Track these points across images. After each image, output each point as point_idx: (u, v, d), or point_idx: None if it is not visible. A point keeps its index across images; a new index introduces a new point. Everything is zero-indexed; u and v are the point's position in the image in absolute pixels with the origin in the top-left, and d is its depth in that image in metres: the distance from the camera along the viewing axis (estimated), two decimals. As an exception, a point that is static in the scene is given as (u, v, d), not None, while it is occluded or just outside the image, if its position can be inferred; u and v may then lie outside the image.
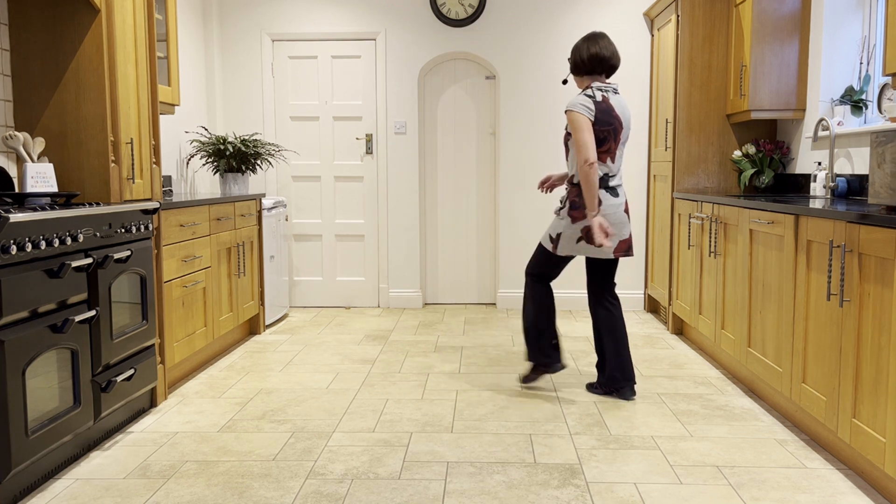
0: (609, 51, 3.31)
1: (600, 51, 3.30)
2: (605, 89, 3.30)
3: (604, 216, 3.26)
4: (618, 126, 3.28)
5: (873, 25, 3.89)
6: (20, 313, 2.30)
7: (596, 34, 3.35)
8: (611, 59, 3.32)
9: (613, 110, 3.27)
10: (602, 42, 3.32)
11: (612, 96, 3.30)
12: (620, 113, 3.29)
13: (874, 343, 2.35)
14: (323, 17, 5.52)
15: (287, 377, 3.78)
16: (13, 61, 3.10)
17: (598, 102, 3.25)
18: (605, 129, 3.25)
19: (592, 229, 3.20)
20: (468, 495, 2.41)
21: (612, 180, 3.30)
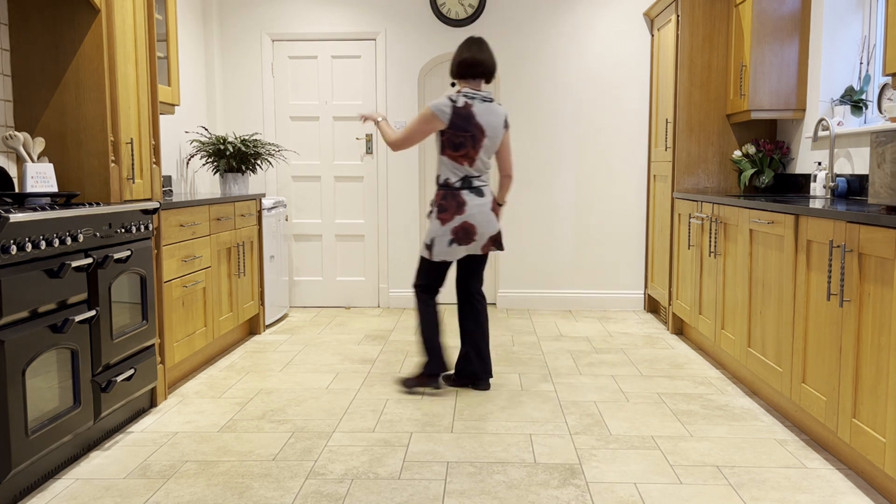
0: (478, 57, 3.38)
1: (470, 56, 3.38)
2: (473, 96, 3.37)
3: (470, 216, 3.37)
4: (477, 134, 3.35)
5: (873, 25, 3.89)
6: (20, 313, 2.30)
7: (472, 39, 3.43)
8: (479, 65, 3.38)
9: (474, 118, 3.33)
10: (474, 48, 3.40)
11: (478, 104, 3.36)
12: (483, 121, 3.36)
13: (874, 343, 2.35)
14: (323, 17, 5.52)
15: (287, 377, 3.78)
16: (13, 61, 3.10)
17: (458, 107, 3.33)
18: (462, 134, 3.34)
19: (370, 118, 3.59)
20: (468, 495, 2.41)
21: (475, 181, 3.41)
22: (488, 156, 3.44)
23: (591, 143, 5.49)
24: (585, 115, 5.48)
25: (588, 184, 5.52)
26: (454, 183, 3.39)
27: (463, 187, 3.39)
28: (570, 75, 5.46)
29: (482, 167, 3.44)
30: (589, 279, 5.57)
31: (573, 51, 5.44)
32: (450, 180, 3.40)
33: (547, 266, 5.59)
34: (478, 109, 3.36)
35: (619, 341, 4.53)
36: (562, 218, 5.55)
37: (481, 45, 3.41)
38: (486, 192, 3.45)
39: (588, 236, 5.55)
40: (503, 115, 3.44)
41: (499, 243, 3.50)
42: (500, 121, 3.41)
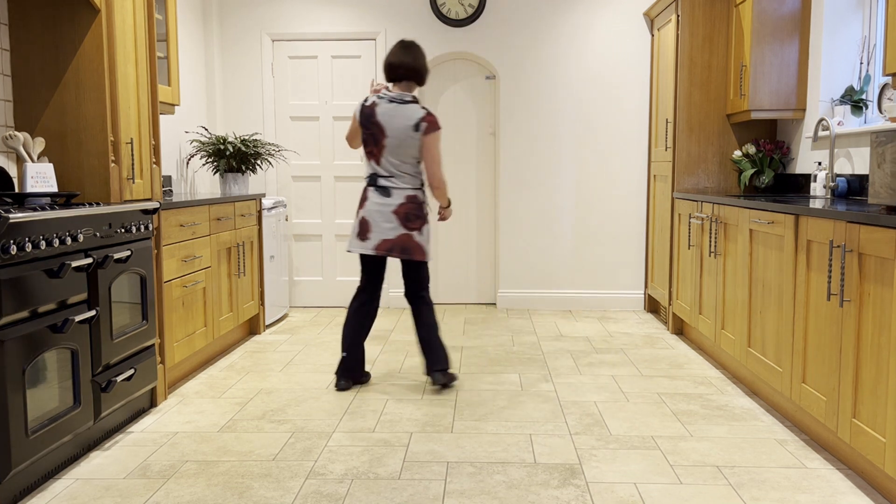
0: (396, 61, 3.42)
1: (391, 60, 3.44)
2: (383, 96, 3.43)
3: (368, 212, 3.45)
4: (377, 133, 3.41)
5: (873, 25, 3.89)
6: (20, 313, 2.30)
7: (401, 43, 3.48)
8: (397, 68, 3.42)
9: (374, 117, 3.41)
10: (398, 52, 3.45)
11: (384, 104, 3.41)
12: (384, 121, 3.39)
13: (874, 343, 2.35)
14: (323, 17, 5.52)
15: (287, 377, 3.78)
16: (13, 61, 3.10)
17: (365, 106, 3.45)
18: (366, 132, 3.45)
19: None
20: (468, 495, 2.41)
21: (382, 180, 3.44)
22: (398, 157, 3.42)
23: (591, 143, 5.49)
24: (585, 115, 5.48)
25: (588, 184, 5.52)
26: (365, 178, 3.52)
27: (369, 184, 3.48)
28: (570, 75, 5.46)
29: (392, 168, 3.43)
30: (589, 279, 5.57)
31: (573, 51, 5.44)
32: (365, 175, 3.53)
33: (547, 266, 5.59)
34: (381, 109, 3.41)
35: (619, 341, 4.53)
36: (562, 218, 5.55)
37: (406, 49, 3.44)
38: (397, 194, 3.43)
39: (588, 236, 5.55)
40: (415, 119, 3.37)
41: (401, 249, 3.43)
42: (407, 123, 3.38)
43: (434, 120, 3.40)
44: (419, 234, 3.46)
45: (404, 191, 3.45)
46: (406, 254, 3.44)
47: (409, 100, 3.43)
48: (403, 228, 3.43)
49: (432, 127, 3.39)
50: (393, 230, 3.42)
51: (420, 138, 3.40)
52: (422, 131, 3.39)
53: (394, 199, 3.43)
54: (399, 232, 3.42)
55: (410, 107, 3.41)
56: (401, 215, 3.43)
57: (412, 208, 3.45)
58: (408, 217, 3.44)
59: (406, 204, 3.44)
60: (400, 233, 3.42)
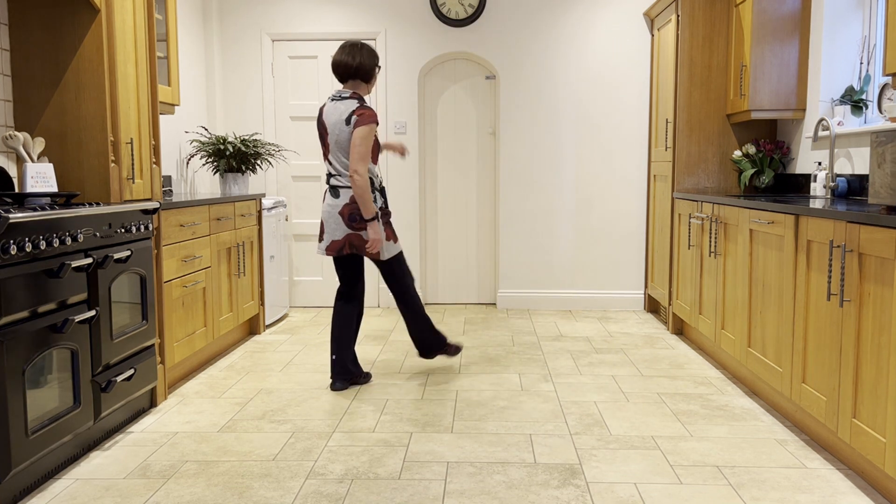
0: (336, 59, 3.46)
1: (332, 60, 3.49)
2: (331, 97, 3.49)
3: (322, 212, 3.51)
4: (323, 132, 3.49)
5: (873, 25, 3.89)
6: (20, 313, 2.30)
7: (343, 44, 3.52)
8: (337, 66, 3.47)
9: (321, 116, 3.50)
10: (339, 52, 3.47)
11: (329, 103, 3.48)
12: (326, 119, 3.46)
13: (874, 343, 2.35)
14: (323, 17, 5.51)
15: (287, 377, 3.78)
16: (13, 61, 3.10)
17: (320, 109, 3.53)
18: (319, 133, 3.54)
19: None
20: (468, 495, 2.41)
21: (332, 180, 3.48)
22: (341, 154, 3.42)
23: (591, 143, 5.49)
24: (585, 115, 5.48)
25: (588, 184, 5.52)
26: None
27: (326, 184, 3.59)
28: (570, 75, 5.46)
29: (339, 166, 3.44)
30: (589, 279, 5.57)
31: (573, 51, 5.44)
32: None
33: (547, 266, 5.59)
34: (327, 108, 3.48)
35: (619, 341, 4.53)
36: (562, 218, 5.55)
37: (347, 49, 3.46)
38: (344, 193, 3.43)
39: (588, 236, 5.55)
40: (348, 112, 3.38)
41: (349, 246, 3.43)
42: (341, 117, 3.39)
43: (366, 113, 3.35)
44: (370, 232, 3.41)
45: (350, 190, 3.43)
46: (353, 250, 3.44)
47: (347, 96, 3.44)
48: (349, 229, 3.43)
49: (362, 120, 3.34)
50: (340, 231, 3.43)
51: (350, 131, 3.38)
52: (352, 125, 3.36)
53: (341, 200, 3.44)
54: (346, 232, 3.43)
55: (347, 102, 3.42)
56: (345, 216, 3.43)
57: (356, 209, 3.42)
58: (352, 217, 3.42)
59: (350, 204, 3.42)
60: (346, 233, 3.43)
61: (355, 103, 3.40)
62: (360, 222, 3.41)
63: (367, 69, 3.46)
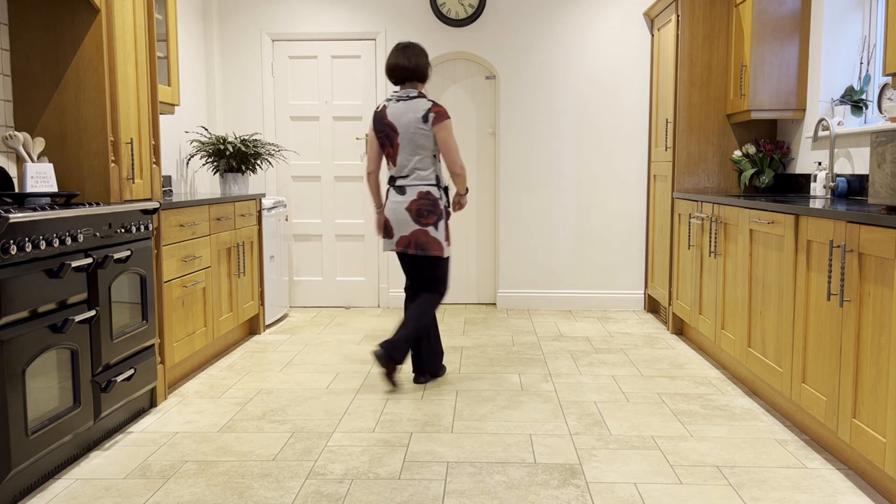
0: (393, 63, 3.52)
1: (389, 63, 3.55)
2: (391, 98, 3.56)
3: (388, 211, 3.59)
4: (390, 132, 3.53)
5: (873, 25, 3.89)
6: (20, 313, 2.30)
7: (397, 46, 3.58)
8: (395, 70, 3.53)
9: (385, 118, 3.54)
10: (394, 54, 3.53)
11: (392, 104, 3.54)
12: (395, 119, 3.51)
13: (874, 343, 2.35)
14: (323, 17, 5.52)
15: (287, 377, 3.78)
16: (13, 61, 3.10)
17: (377, 112, 3.59)
18: (380, 135, 3.58)
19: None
20: (468, 495, 2.41)
21: (398, 180, 3.57)
22: (412, 153, 3.51)
23: (592, 143, 5.49)
24: (585, 115, 5.48)
25: (588, 184, 5.52)
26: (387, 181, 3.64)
27: (389, 185, 3.61)
28: (570, 75, 5.46)
29: (408, 165, 3.53)
30: (589, 279, 5.57)
31: (573, 51, 5.44)
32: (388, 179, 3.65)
33: (547, 266, 5.59)
34: (391, 109, 3.53)
35: (619, 341, 4.53)
36: (562, 218, 5.55)
37: (401, 51, 3.53)
38: (411, 191, 3.52)
39: (588, 236, 5.55)
40: (422, 110, 3.47)
41: (416, 245, 3.51)
42: (415, 116, 3.48)
43: (442, 110, 3.49)
44: (434, 229, 3.52)
45: (417, 187, 3.53)
46: (421, 249, 3.52)
47: (414, 96, 3.52)
48: (416, 224, 3.51)
49: (441, 117, 3.48)
50: (407, 226, 3.52)
51: (431, 129, 3.49)
52: (430, 122, 3.48)
53: (407, 196, 3.53)
54: (413, 228, 3.52)
55: (417, 101, 3.51)
56: (412, 211, 3.52)
57: (424, 204, 3.51)
58: (419, 213, 3.51)
59: (417, 200, 3.51)
60: (414, 228, 3.52)
61: (427, 101, 3.51)
62: (426, 217, 3.51)
63: (423, 70, 3.55)
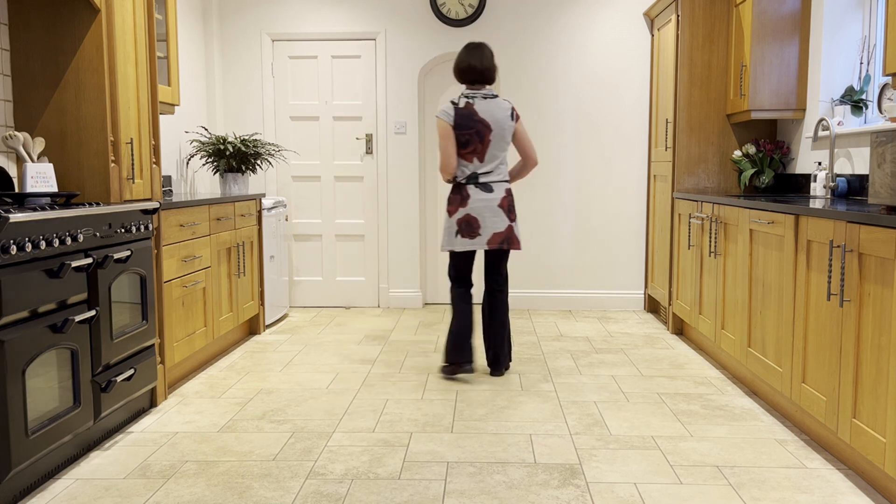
0: (470, 63, 3.59)
1: (465, 64, 3.60)
2: (472, 95, 3.60)
3: (473, 209, 3.57)
4: (482, 129, 3.56)
5: (873, 25, 3.89)
6: (20, 313, 2.30)
7: (470, 45, 3.65)
8: (471, 71, 3.60)
9: (476, 114, 3.56)
10: (469, 54, 3.60)
11: (479, 101, 3.59)
12: (487, 116, 3.57)
13: (874, 343, 2.35)
14: (323, 17, 5.52)
15: (287, 377, 3.78)
16: (13, 61, 3.10)
17: (460, 108, 3.58)
18: (467, 132, 3.56)
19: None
20: (468, 495, 2.41)
21: (482, 177, 3.59)
22: (500, 150, 3.62)
23: (592, 142, 5.49)
24: (585, 115, 5.48)
25: (588, 184, 5.52)
26: (460, 179, 3.62)
27: (468, 183, 3.60)
28: (571, 75, 5.46)
29: (493, 162, 3.61)
30: (589, 279, 5.57)
31: (573, 51, 5.44)
32: (458, 177, 3.63)
33: (547, 266, 5.59)
34: (479, 106, 3.58)
35: (619, 341, 4.53)
36: (562, 218, 5.55)
37: (476, 51, 3.62)
38: (498, 188, 3.61)
39: (588, 236, 5.55)
40: (508, 109, 3.62)
41: (509, 240, 3.61)
42: (505, 114, 3.60)
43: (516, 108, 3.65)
44: (516, 224, 3.66)
45: (503, 184, 3.63)
46: (511, 245, 3.62)
47: (495, 94, 3.65)
48: (508, 220, 3.61)
49: (518, 115, 3.68)
50: (502, 222, 3.59)
51: (515, 126, 3.65)
52: (515, 119, 3.64)
53: (496, 194, 3.59)
54: (507, 224, 3.60)
55: (500, 100, 3.65)
56: (505, 208, 3.61)
57: (510, 200, 3.64)
58: (510, 209, 3.62)
59: (507, 197, 3.62)
60: (507, 224, 3.59)
61: (506, 101, 3.64)
62: (513, 213, 3.63)
63: (494, 71, 3.65)
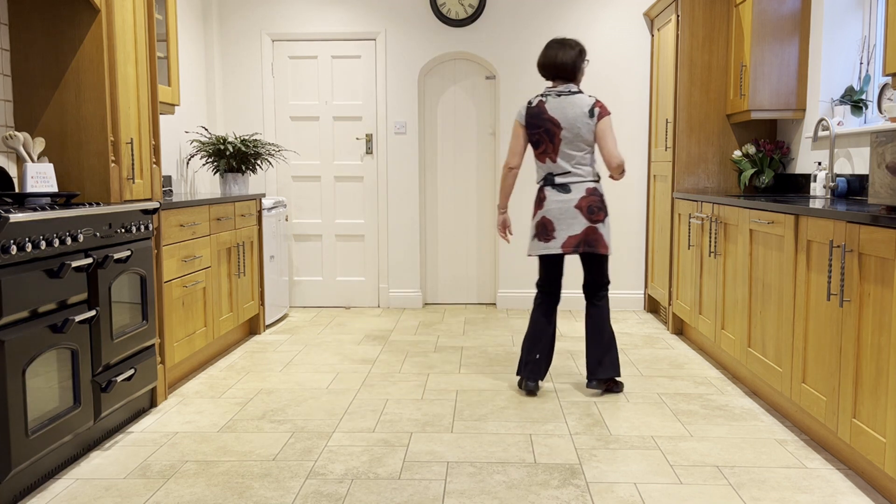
0: (548, 59, 3.43)
1: (542, 60, 3.47)
2: (547, 94, 3.45)
3: (548, 211, 3.43)
4: (551, 127, 3.40)
5: (873, 25, 3.89)
6: (20, 313, 2.30)
7: (552, 41, 3.48)
8: (549, 67, 3.44)
9: (545, 113, 3.41)
10: (549, 50, 3.45)
11: (551, 99, 3.43)
12: (557, 115, 3.40)
13: (874, 343, 2.35)
14: (323, 17, 5.52)
15: (287, 377, 3.78)
16: (13, 61, 3.10)
17: (531, 107, 3.45)
18: (536, 131, 3.43)
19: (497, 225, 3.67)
20: (468, 495, 2.41)
21: (558, 178, 3.44)
22: (575, 149, 3.40)
23: (591, 143, 5.49)
24: (585, 115, 5.48)
25: (588, 184, 5.52)
26: (538, 181, 3.51)
27: (545, 184, 3.46)
28: (570, 75, 5.45)
29: (569, 162, 3.41)
30: (589, 279, 5.57)
31: (573, 51, 5.44)
32: (537, 179, 3.52)
33: (547, 266, 5.58)
34: (551, 104, 3.41)
35: (619, 341, 4.52)
36: (562, 218, 5.54)
37: (555, 47, 3.43)
38: (576, 188, 3.40)
39: (588, 236, 5.55)
40: (586, 106, 3.39)
41: (587, 244, 3.40)
42: (581, 111, 3.38)
43: (605, 105, 3.42)
44: (602, 225, 3.43)
45: (584, 184, 3.41)
46: (590, 247, 3.41)
47: (575, 91, 3.43)
48: (588, 221, 3.40)
49: (604, 111, 3.41)
50: (578, 224, 3.39)
51: (595, 124, 3.41)
52: (596, 117, 3.40)
53: (574, 195, 3.40)
54: (584, 225, 3.40)
55: (579, 96, 3.42)
56: (583, 209, 3.39)
57: (594, 200, 3.41)
58: (591, 209, 3.40)
59: (587, 197, 3.40)
60: (585, 226, 3.40)
61: (590, 97, 3.43)
62: (598, 213, 3.41)
63: (580, 68, 3.46)
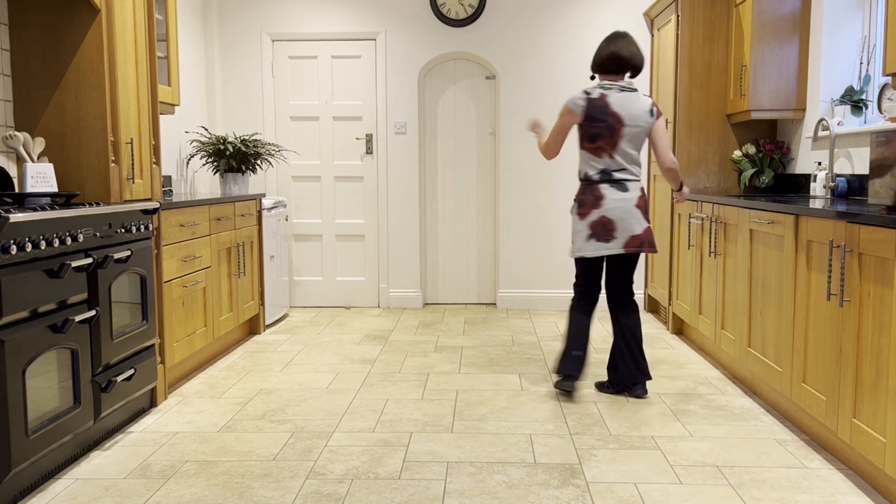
0: (615, 53, 3.33)
1: (608, 52, 3.35)
2: (609, 87, 3.34)
3: (608, 210, 3.30)
4: (614, 123, 3.29)
5: (873, 25, 3.89)
6: (20, 313, 2.30)
7: (615, 34, 3.38)
8: (616, 60, 3.33)
9: (609, 107, 3.30)
10: (614, 44, 3.35)
11: (614, 94, 3.32)
12: (621, 110, 3.30)
13: (874, 343, 2.35)
14: (323, 17, 5.52)
15: (287, 377, 3.78)
16: (13, 61, 3.10)
17: (593, 99, 3.32)
18: (597, 125, 3.31)
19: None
20: (468, 495, 2.41)
21: (616, 174, 3.32)
22: (635, 147, 3.34)
23: (591, 143, 5.49)
24: (585, 115, 5.48)
25: (588, 184, 5.52)
26: (593, 176, 3.35)
27: (602, 181, 3.33)
28: (570, 75, 5.46)
29: (626, 160, 3.33)
30: (589, 279, 5.57)
31: (573, 51, 5.44)
32: (588, 174, 3.37)
33: (547, 266, 5.58)
34: (614, 99, 3.31)
35: (619, 341, 4.52)
36: (562, 218, 5.55)
37: (619, 39, 3.35)
38: (633, 187, 3.33)
39: (588, 236, 5.55)
40: (647, 105, 3.34)
41: (648, 244, 3.34)
42: (641, 110, 3.32)
43: (658, 106, 3.35)
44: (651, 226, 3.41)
45: (637, 183, 3.36)
46: (651, 248, 3.35)
47: (635, 88, 3.37)
48: (646, 222, 3.34)
49: (659, 110, 3.38)
50: (639, 224, 3.32)
51: (654, 123, 3.36)
52: (655, 116, 3.35)
53: (631, 194, 3.32)
54: (644, 226, 3.33)
55: (638, 94, 3.36)
56: (642, 209, 3.34)
57: (646, 201, 3.37)
58: (646, 210, 3.36)
59: (643, 197, 3.35)
60: (645, 226, 3.33)
61: (647, 96, 3.38)
62: (649, 214, 3.38)
63: (641, 62, 3.38)
